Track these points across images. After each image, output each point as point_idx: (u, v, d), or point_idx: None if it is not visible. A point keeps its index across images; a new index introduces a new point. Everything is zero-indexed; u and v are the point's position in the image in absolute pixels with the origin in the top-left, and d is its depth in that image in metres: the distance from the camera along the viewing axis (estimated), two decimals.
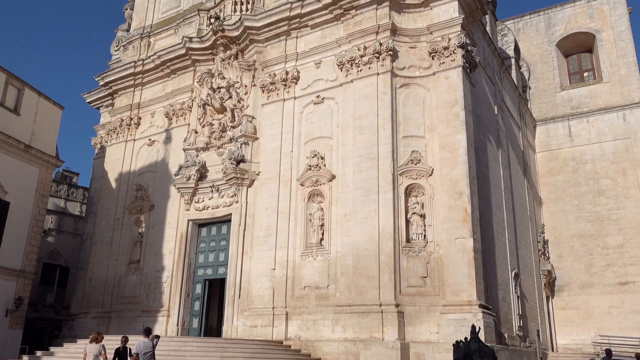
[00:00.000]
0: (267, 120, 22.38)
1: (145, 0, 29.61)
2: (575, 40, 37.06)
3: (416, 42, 20.47)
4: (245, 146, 22.37)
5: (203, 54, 25.13)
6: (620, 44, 34.75)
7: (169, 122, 25.83)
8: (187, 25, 26.49)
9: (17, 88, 24.11)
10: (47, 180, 25.72)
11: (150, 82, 27.39)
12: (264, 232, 20.87)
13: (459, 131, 18.72)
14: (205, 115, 24.38)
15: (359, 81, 20.26)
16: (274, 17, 22.60)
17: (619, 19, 35.25)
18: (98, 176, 29.35)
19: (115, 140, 27.67)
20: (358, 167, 19.24)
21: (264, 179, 21.65)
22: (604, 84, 34.66)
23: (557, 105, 35.65)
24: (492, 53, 27.22)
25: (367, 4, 20.62)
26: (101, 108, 30.68)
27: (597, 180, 32.76)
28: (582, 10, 36.70)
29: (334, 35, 21.67)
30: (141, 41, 28.35)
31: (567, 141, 34.34)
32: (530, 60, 37.52)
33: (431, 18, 20.44)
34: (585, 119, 34.18)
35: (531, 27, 38.33)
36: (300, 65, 22.31)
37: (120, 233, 25.60)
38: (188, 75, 25.83)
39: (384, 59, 19.89)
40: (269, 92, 22.59)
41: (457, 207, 17.96)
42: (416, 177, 18.77)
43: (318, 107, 21.40)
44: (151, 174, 25.85)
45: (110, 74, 28.10)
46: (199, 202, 23.18)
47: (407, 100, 19.81)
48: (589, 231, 32.22)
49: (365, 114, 19.66)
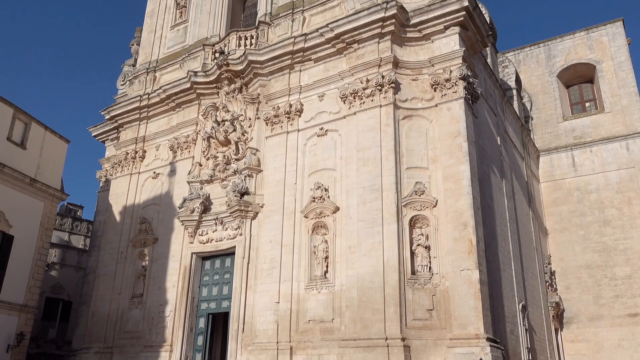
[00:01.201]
0: (271, 152, 22.49)
1: (152, 35, 30.19)
2: (575, 71, 37.44)
3: (418, 74, 20.69)
4: (249, 178, 22.43)
5: (208, 88, 25.44)
6: (620, 74, 35.06)
7: (174, 155, 25.98)
8: (193, 59, 26.91)
9: (24, 122, 24.41)
10: (51, 213, 25.78)
11: (156, 116, 27.67)
12: (267, 264, 20.73)
13: (462, 162, 18.74)
14: (210, 148, 24.53)
15: (362, 113, 20.41)
16: (278, 51, 22.95)
17: (619, 50, 35.66)
18: (102, 209, 29.38)
19: (120, 173, 27.80)
20: (362, 199, 19.21)
21: (267, 211, 21.62)
22: (605, 114, 34.83)
23: (559, 135, 35.78)
24: (494, 84, 27.48)
25: (369, 38, 20.93)
26: (106, 141, 30.94)
27: (603, 210, 32.58)
28: (582, 42, 37.18)
29: (337, 69, 21.93)
30: (147, 75, 28.77)
31: (571, 171, 34.31)
32: (532, 91, 37.84)
33: (432, 51, 20.70)
34: (589, 148, 34.23)
35: (531, 58, 38.79)
36: (304, 98, 22.53)
37: (124, 266, 25.47)
38: (193, 108, 26.10)
39: (387, 92, 20.08)
40: (273, 125, 22.77)
41: (462, 238, 17.83)
42: (420, 209, 18.71)
43: (321, 139, 21.51)
44: (155, 206, 25.87)
45: (116, 108, 28.43)
46: (203, 234, 23.12)
47: (410, 132, 19.91)
48: (596, 262, 31.88)
49: (369, 146, 19.75)
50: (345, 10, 22.35)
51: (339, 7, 22.85)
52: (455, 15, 20.05)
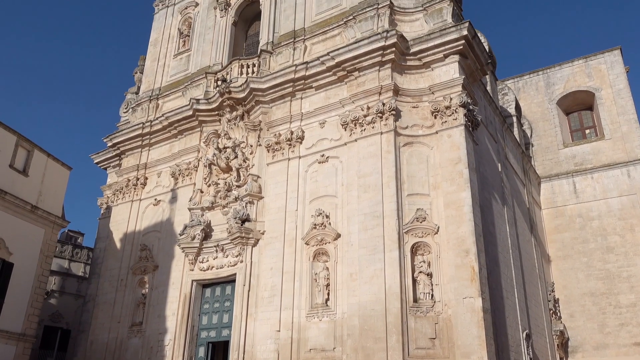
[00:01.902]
0: (272, 179, 22.53)
1: (155, 64, 30.58)
2: (575, 99, 37.74)
3: (418, 101, 20.86)
4: (250, 205, 22.41)
5: (210, 115, 25.64)
6: (619, 101, 35.33)
7: (175, 181, 26.03)
8: (195, 87, 27.19)
9: (26, 150, 24.50)
10: (52, 240, 25.66)
11: (158, 143, 27.82)
12: (268, 292, 20.55)
13: (464, 189, 18.74)
14: (211, 175, 24.59)
15: (362, 140, 20.51)
16: (279, 79, 23.19)
17: (617, 78, 36.01)
18: (103, 236, 29.29)
19: (121, 200, 27.81)
20: (363, 226, 19.15)
21: (268, 238, 21.54)
22: (606, 140, 34.97)
23: (560, 162, 35.85)
24: (494, 111, 27.66)
25: (369, 66, 21.17)
26: (108, 168, 31.02)
27: (605, 237, 32.42)
28: (580, 70, 37.58)
29: (338, 96, 22.13)
30: (149, 103, 29.04)
31: (573, 198, 34.27)
32: (532, 118, 38.08)
33: (432, 79, 20.92)
34: (590, 175, 34.25)
35: (531, 86, 39.15)
36: (305, 125, 22.67)
37: (124, 294, 25.26)
38: (195, 135, 26.25)
39: (387, 119, 20.21)
40: (274, 152, 22.86)
41: (464, 265, 17.71)
42: (422, 236, 18.63)
43: (323, 166, 21.57)
44: (156, 233, 25.80)
45: (118, 135, 28.60)
46: (204, 262, 22.99)
47: (411, 159, 19.96)
48: (600, 289, 31.58)
49: (370, 173, 19.78)
50: (346, 39, 22.66)
51: (340, 36, 23.17)
52: (455, 44, 20.32)
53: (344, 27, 23.02)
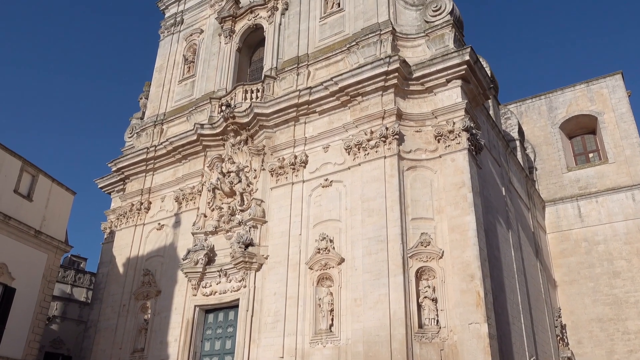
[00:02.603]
0: (276, 203, 22.51)
1: (160, 89, 30.89)
2: (577, 123, 37.85)
3: (421, 126, 20.94)
4: (254, 229, 22.35)
5: (214, 140, 25.77)
6: (622, 125, 35.41)
7: (179, 206, 26.03)
8: (199, 112, 27.40)
9: (31, 175, 24.61)
10: (54, 265, 25.56)
11: (162, 168, 27.91)
12: (272, 318, 20.34)
13: (468, 213, 18.66)
14: (215, 199, 24.59)
15: (366, 164, 20.53)
16: (283, 104, 23.36)
17: (619, 102, 36.16)
18: (106, 261, 29.19)
19: (125, 225, 27.78)
20: (367, 250, 19.04)
21: (272, 263, 21.41)
22: (610, 164, 34.93)
23: (564, 186, 35.77)
24: (497, 135, 27.72)
25: (372, 91, 21.32)
26: (112, 193, 31.08)
27: (612, 262, 32.13)
28: (582, 94, 37.77)
29: (341, 121, 22.24)
30: (154, 128, 29.24)
31: (578, 222, 34.08)
32: (535, 142, 38.14)
33: (435, 103, 21.03)
34: (594, 199, 34.13)
35: (533, 110, 39.32)
36: (309, 150, 22.74)
37: (126, 320, 25.03)
38: (199, 160, 26.35)
39: (391, 143, 20.26)
40: (278, 176, 22.89)
41: (469, 290, 17.52)
42: (426, 260, 18.50)
43: (326, 190, 21.56)
44: (159, 258, 25.69)
45: (122, 160, 28.73)
46: (207, 287, 22.82)
47: (415, 183, 19.95)
48: (608, 315, 31.15)
49: (374, 197, 19.75)
50: (349, 64, 22.89)
51: (343, 62, 23.41)
52: (457, 69, 20.48)
53: (347, 53, 23.28)
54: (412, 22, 22.94)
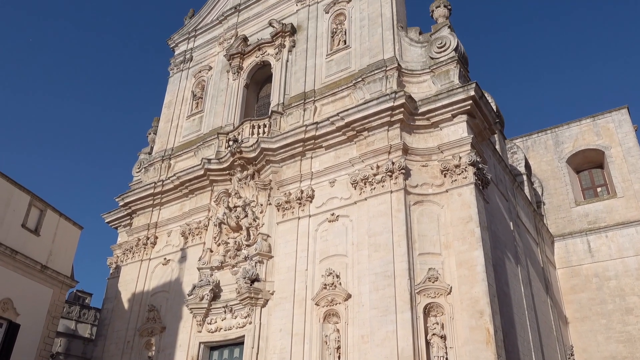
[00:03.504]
0: (282, 238, 22.41)
1: (168, 125, 31.27)
2: (584, 157, 37.79)
3: (428, 160, 20.97)
4: (259, 265, 22.20)
5: (221, 175, 25.90)
6: (630, 159, 35.30)
7: (185, 241, 25.98)
8: (207, 147, 27.64)
9: (39, 209, 24.71)
10: (60, 301, 25.40)
11: (169, 202, 28.00)
12: (277, 355, 19.96)
13: (476, 248, 18.46)
14: (221, 234, 24.54)
15: (372, 199, 20.49)
16: (290, 139, 23.53)
17: (626, 136, 36.16)
18: (111, 297, 28.98)
19: (131, 260, 27.70)
20: (374, 286, 18.81)
21: (278, 299, 21.17)
22: (618, 198, 34.68)
23: (573, 220, 35.46)
24: (503, 170, 27.69)
25: (378, 126, 21.47)
26: (119, 228, 31.11)
27: (624, 298, 31.54)
28: (589, 128, 37.84)
29: (348, 155, 22.33)
30: (162, 163, 29.47)
31: (588, 257, 33.64)
32: (542, 176, 38.03)
33: (441, 138, 21.10)
34: (604, 234, 33.76)
35: (540, 144, 39.36)
36: (315, 184, 22.77)
37: (130, 357, 24.65)
38: (205, 195, 26.42)
39: (397, 178, 20.27)
40: (284, 211, 22.87)
41: (478, 327, 17.18)
42: (434, 296, 18.22)
43: (333, 224, 21.47)
44: (164, 294, 25.49)
45: (130, 195, 28.86)
46: (212, 323, 22.54)
47: (422, 217, 19.85)
48: (622, 353, 30.39)
49: (380, 232, 19.63)
50: (355, 100, 23.12)
51: (349, 97, 23.66)
52: (462, 104, 20.62)
53: (353, 89, 23.55)
54: (418, 59, 23.25)
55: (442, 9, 23.92)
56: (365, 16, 25.25)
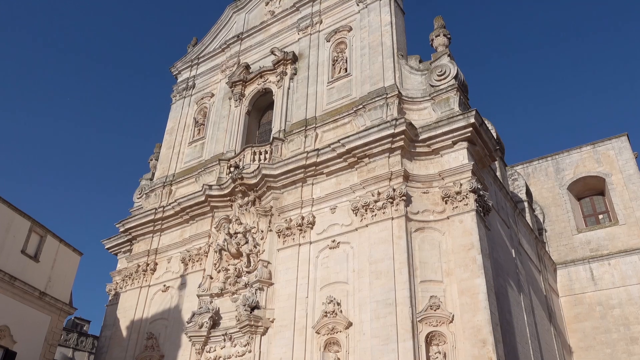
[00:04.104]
0: (282, 265, 22.28)
1: (170, 151, 31.42)
2: (585, 184, 37.79)
3: (429, 187, 20.97)
4: (260, 292, 22.01)
5: (222, 201, 25.89)
6: (631, 186, 35.29)
7: (185, 267, 25.83)
8: (208, 173, 27.70)
9: (39, 235, 24.64)
10: (57, 328, 25.13)
11: (169, 228, 27.93)
12: None
13: (478, 275, 18.32)
14: (221, 261, 24.41)
15: (374, 226, 20.43)
16: (291, 165, 23.59)
17: (626, 163, 36.22)
18: (109, 324, 28.68)
19: (130, 287, 27.49)
20: (375, 314, 18.61)
21: (278, 327, 20.93)
22: (620, 226, 34.55)
23: (575, 248, 35.27)
24: (505, 197, 27.66)
25: (379, 153, 21.54)
26: (119, 254, 30.98)
27: (629, 327, 31.13)
28: (589, 155, 37.93)
29: (349, 182, 22.35)
30: (163, 189, 29.50)
31: (591, 285, 33.34)
32: (543, 203, 37.97)
33: (442, 165, 21.14)
34: (607, 261, 33.53)
35: (540, 171, 39.40)
36: (316, 211, 22.73)
37: None
38: (206, 221, 26.37)
39: (398, 204, 20.24)
40: (285, 237, 22.78)
41: (481, 356, 16.92)
42: (436, 324, 18.00)
43: (334, 251, 21.37)
44: (163, 321, 25.21)
45: (130, 221, 28.81)
46: (211, 351, 22.23)
47: (423, 244, 19.75)
48: None
49: (381, 259, 19.52)
50: (356, 127, 23.26)
51: (350, 124, 23.81)
52: (463, 131, 20.72)
53: (354, 116, 23.71)
54: (418, 86, 23.46)
55: (441, 38, 24.25)
56: (366, 44, 25.59)
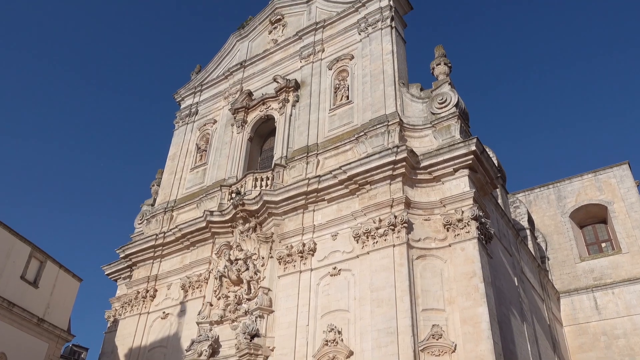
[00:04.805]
0: (283, 292, 22.09)
1: (172, 177, 31.48)
2: (587, 212, 37.70)
3: (430, 214, 20.93)
4: (260, 319, 21.77)
5: (223, 227, 25.83)
6: (633, 215, 35.21)
7: (185, 294, 25.62)
8: (209, 199, 27.70)
9: (39, 261, 24.57)
10: (55, 355, 24.84)
11: (170, 255, 27.79)
12: None
13: (480, 304, 18.14)
14: (222, 288, 24.23)
15: (375, 253, 20.32)
16: (292, 191, 23.61)
17: (628, 192, 36.20)
18: (107, 351, 28.31)
19: (129, 313, 27.21)
20: (377, 343, 18.35)
21: (278, 355, 20.63)
22: (623, 254, 34.35)
23: (578, 276, 35.00)
24: (506, 224, 27.57)
25: (380, 180, 21.56)
26: (119, 280, 30.76)
27: (634, 357, 30.68)
28: (590, 183, 37.93)
29: (350, 209, 22.32)
30: (164, 215, 29.46)
31: (595, 314, 32.97)
32: (545, 231, 37.82)
33: (443, 192, 21.14)
34: (610, 290, 33.24)
35: (542, 199, 39.36)
36: (317, 237, 22.65)
37: None
38: (207, 247, 26.26)
39: (399, 231, 20.17)
40: (286, 264, 22.65)
41: None
42: (439, 354, 17.74)
43: (335, 278, 21.21)
44: (162, 349, 24.87)
45: (131, 247, 28.69)
46: None
47: (425, 272, 19.61)
48: None
49: (383, 286, 19.36)
50: (358, 154, 23.34)
51: (352, 151, 23.90)
52: (464, 158, 20.79)
53: (355, 143, 23.82)
54: (419, 114, 23.63)
55: (442, 67, 24.52)
56: (367, 73, 25.88)
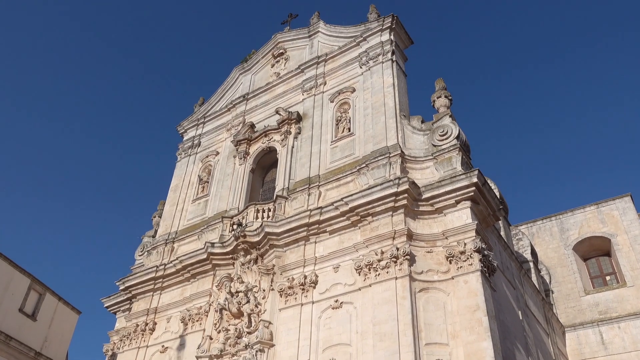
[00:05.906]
0: (284, 325, 21.80)
1: (173, 208, 31.46)
2: (591, 245, 37.46)
3: (432, 246, 20.81)
4: (260, 353, 21.42)
5: (224, 259, 25.67)
6: (637, 247, 34.97)
7: (184, 327, 25.28)
8: (211, 231, 27.62)
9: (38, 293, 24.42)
10: None
11: (170, 287, 27.54)
12: None
13: (484, 338, 17.85)
14: (222, 320, 23.93)
15: (377, 285, 20.13)
16: (294, 223, 23.54)
17: (631, 224, 36.03)
18: None
19: (128, 347, 26.79)
20: None
21: None
22: (628, 287, 33.97)
23: (583, 310, 34.53)
24: (509, 257, 27.36)
25: (382, 211, 21.52)
26: (118, 312, 30.39)
27: None
28: (593, 216, 37.80)
29: (352, 240, 22.21)
30: (165, 246, 29.32)
31: (601, 349, 32.40)
32: (549, 263, 37.52)
33: (445, 224, 21.07)
34: (616, 324, 32.74)
35: (545, 231, 39.17)
36: (319, 270, 22.48)
37: None
38: (207, 279, 26.05)
39: (402, 264, 20.02)
40: (287, 297, 22.42)
41: None
42: None
43: (336, 311, 20.95)
44: None
45: (131, 279, 28.47)
46: None
47: (428, 305, 19.38)
48: None
49: (385, 320, 19.10)
50: (359, 185, 23.37)
51: (353, 183, 23.93)
52: (465, 190, 20.78)
53: (357, 174, 23.87)
54: (420, 146, 23.75)
55: (443, 99, 24.77)
56: (369, 105, 26.13)
